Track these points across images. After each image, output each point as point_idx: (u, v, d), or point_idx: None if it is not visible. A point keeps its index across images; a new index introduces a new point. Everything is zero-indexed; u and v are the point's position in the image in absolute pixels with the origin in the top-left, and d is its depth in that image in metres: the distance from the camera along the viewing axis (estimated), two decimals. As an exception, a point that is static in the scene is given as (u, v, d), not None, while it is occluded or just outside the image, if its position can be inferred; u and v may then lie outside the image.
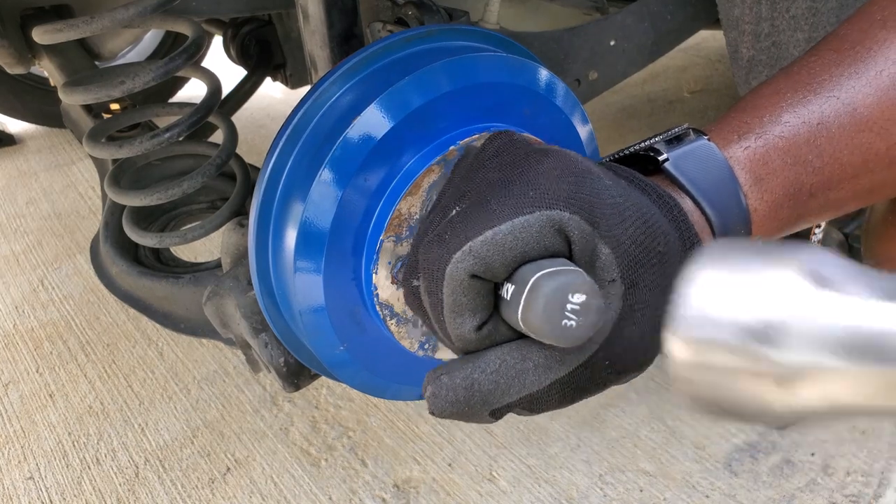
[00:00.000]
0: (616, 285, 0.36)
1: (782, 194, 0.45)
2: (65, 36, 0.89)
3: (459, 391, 0.35)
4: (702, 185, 0.43)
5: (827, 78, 0.45)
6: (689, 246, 0.40)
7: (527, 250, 0.34)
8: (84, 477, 1.23)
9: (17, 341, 1.58)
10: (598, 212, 0.36)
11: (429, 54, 0.66)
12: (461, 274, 0.35)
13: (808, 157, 0.44)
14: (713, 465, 1.19)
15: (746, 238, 0.44)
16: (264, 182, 0.65)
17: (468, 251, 0.34)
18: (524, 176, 0.37)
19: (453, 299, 0.35)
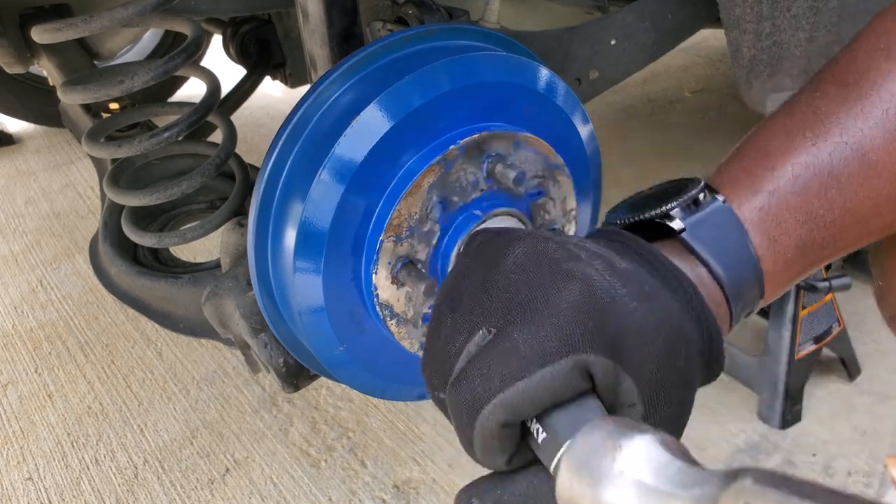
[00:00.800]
0: (636, 409, 0.37)
1: (795, 252, 0.45)
2: (64, 35, 0.89)
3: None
4: (718, 252, 0.44)
5: (834, 119, 0.44)
6: (709, 336, 0.41)
7: (556, 397, 0.36)
8: (83, 477, 1.22)
9: (15, 341, 1.57)
10: (621, 345, 0.37)
11: (429, 53, 0.66)
12: (492, 425, 0.36)
13: (820, 211, 0.44)
14: (714, 465, 1.19)
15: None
16: (264, 182, 0.65)
17: (499, 404, 0.35)
18: (549, 307, 0.37)
19: (483, 443, 0.37)
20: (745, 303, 0.45)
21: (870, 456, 1.19)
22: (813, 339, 1.29)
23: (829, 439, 1.23)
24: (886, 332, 1.53)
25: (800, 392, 1.28)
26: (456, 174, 0.59)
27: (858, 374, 1.37)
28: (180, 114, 0.99)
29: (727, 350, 1.43)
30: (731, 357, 1.35)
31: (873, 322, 1.50)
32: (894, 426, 1.25)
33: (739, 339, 1.43)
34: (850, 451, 1.20)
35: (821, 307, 1.30)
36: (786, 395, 1.25)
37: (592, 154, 0.73)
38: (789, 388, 1.25)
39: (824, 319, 1.31)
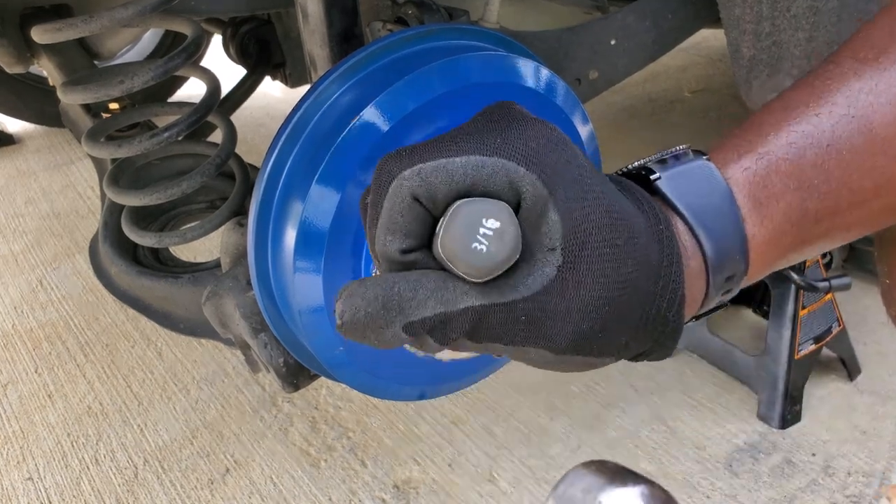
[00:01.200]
0: (555, 254, 0.35)
1: (784, 220, 0.42)
2: (64, 35, 0.89)
3: (378, 300, 0.34)
4: (696, 207, 0.41)
5: (844, 92, 0.42)
6: (669, 262, 0.38)
7: (472, 188, 0.34)
8: (83, 477, 1.22)
9: (15, 341, 1.58)
10: (559, 180, 0.35)
11: (428, 54, 0.66)
12: (404, 192, 0.34)
13: (815, 181, 0.41)
14: (714, 465, 1.19)
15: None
16: (263, 181, 0.65)
17: (417, 171, 0.34)
18: (500, 129, 0.36)
19: (390, 216, 0.35)
20: (725, 270, 0.41)
21: (870, 456, 1.19)
22: (813, 339, 1.29)
23: (829, 439, 1.23)
24: (886, 332, 1.54)
25: (800, 392, 1.28)
26: (456, 174, 0.59)
27: (858, 374, 1.37)
28: (180, 114, 0.99)
29: (727, 350, 1.43)
30: (731, 357, 1.35)
31: (873, 322, 1.50)
32: (894, 426, 1.25)
33: (739, 338, 1.43)
34: (850, 451, 1.20)
35: (821, 307, 1.30)
36: (785, 394, 1.25)
37: (592, 154, 0.73)
38: (789, 387, 1.25)
39: (824, 319, 1.31)
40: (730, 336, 1.39)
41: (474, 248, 0.32)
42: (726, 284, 0.42)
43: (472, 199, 0.33)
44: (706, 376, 1.38)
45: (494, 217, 0.32)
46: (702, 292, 0.42)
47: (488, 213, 0.32)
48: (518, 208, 0.35)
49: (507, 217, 0.33)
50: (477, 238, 0.32)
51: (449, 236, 0.33)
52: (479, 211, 0.32)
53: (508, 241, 0.33)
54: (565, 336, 0.36)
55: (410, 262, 0.36)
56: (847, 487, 1.14)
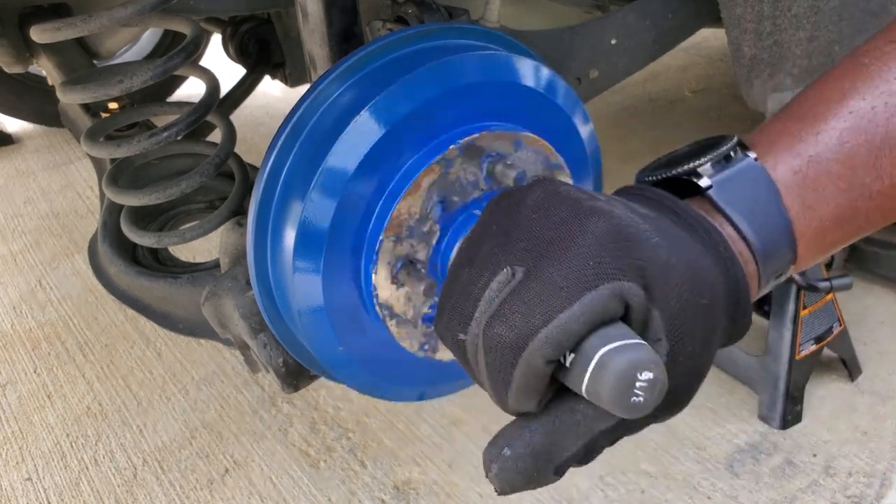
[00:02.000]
0: (662, 344, 0.37)
1: (832, 221, 0.42)
2: (63, 35, 0.88)
3: (527, 459, 0.37)
4: (746, 212, 0.42)
5: (893, 78, 0.41)
6: (734, 282, 0.40)
7: (595, 326, 0.35)
8: (82, 478, 1.22)
9: (14, 342, 1.57)
10: (649, 275, 0.36)
11: (428, 53, 0.66)
12: (539, 362, 0.35)
13: (866, 180, 0.41)
14: (715, 465, 1.19)
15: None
16: (263, 181, 0.64)
17: (545, 340, 0.34)
18: (578, 240, 0.36)
19: (525, 383, 0.36)
20: (775, 266, 0.43)
21: (871, 456, 1.19)
22: (814, 339, 1.29)
23: (830, 439, 1.23)
24: (887, 331, 1.54)
25: (800, 392, 1.28)
26: (456, 174, 0.59)
27: (859, 375, 1.36)
28: (179, 113, 0.99)
29: (728, 350, 1.43)
30: (732, 357, 1.35)
31: (874, 322, 1.50)
32: (895, 426, 1.25)
33: (740, 339, 1.43)
34: (851, 451, 1.20)
35: (822, 307, 1.30)
36: (786, 395, 1.25)
37: (593, 153, 0.72)
38: (790, 388, 1.25)
39: (825, 319, 1.31)
40: (730, 336, 1.39)
41: (633, 401, 0.33)
42: (774, 277, 0.44)
43: (612, 347, 0.34)
44: (706, 376, 1.38)
45: (647, 370, 0.33)
46: (755, 288, 0.44)
47: (640, 366, 0.33)
48: (625, 315, 0.36)
49: (655, 365, 0.34)
50: (634, 392, 0.33)
51: (604, 391, 0.34)
52: (631, 366, 0.33)
53: (659, 389, 0.34)
54: (684, 402, 0.40)
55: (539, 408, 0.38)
56: (848, 488, 1.14)
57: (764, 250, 0.42)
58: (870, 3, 0.92)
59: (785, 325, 1.26)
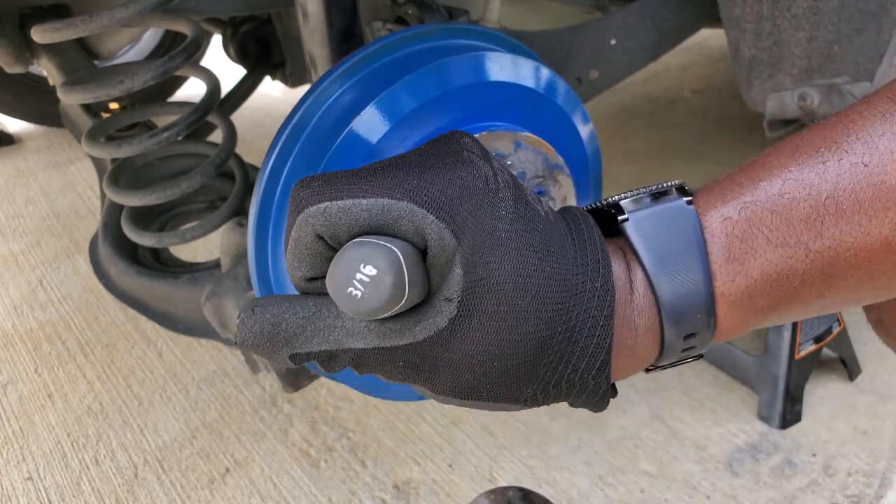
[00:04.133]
0: (451, 305, 0.34)
1: (761, 280, 0.37)
2: (63, 35, 0.88)
3: (266, 326, 0.36)
4: (660, 256, 0.37)
5: (863, 136, 0.37)
6: (594, 325, 0.36)
7: (377, 230, 0.34)
8: (83, 478, 1.22)
9: (15, 342, 1.57)
10: (470, 232, 0.34)
11: (428, 53, 0.66)
12: (308, 229, 0.35)
13: (804, 238, 0.37)
14: (714, 465, 1.19)
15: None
16: (264, 181, 0.64)
17: (322, 210, 0.34)
18: (425, 169, 0.35)
19: (296, 245, 0.36)
20: (685, 327, 0.38)
21: (870, 456, 1.19)
22: (813, 339, 1.29)
23: (830, 439, 1.23)
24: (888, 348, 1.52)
25: (800, 392, 1.28)
26: (456, 174, 0.59)
27: (859, 374, 1.37)
28: (180, 114, 0.99)
29: (727, 350, 1.43)
30: (731, 357, 1.35)
31: (874, 322, 1.50)
32: (894, 426, 1.25)
33: (739, 338, 1.43)
34: (851, 451, 1.20)
35: (821, 307, 1.30)
36: (786, 395, 1.25)
37: (593, 153, 0.73)
38: (789, 388, 1.25)
39: (824, 319, 1.31)
40: (730, 336, 1.39)
41: (349, 292, 0.33)
42: (687, 342, 0.39)
43: (362, 241, 0.33)
44: (706, 376, 1.38)
45: (373, 264, 0.32)
46: (653, 351, 0.39)
47: (369, 258, 0.32)
48: (425, 254, 0.35)
49: (386, 265, 0.32)
50: (353, 283, 0.32)
51: (330, 277, 0.34)
52: (361, 256, 0.33)
53: (384, 290, 0.32)
54: (445, 385, 0.37)
55: (314, 288, 0.37)
56: (847, 487, 1.14)
57: (673, 304, 0.37)
58: (869, 4, 0.93)
59: (784, 325, 1.26)
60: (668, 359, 0.40)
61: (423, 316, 0.35)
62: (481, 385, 0.36)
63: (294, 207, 0.36)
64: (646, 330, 0.38)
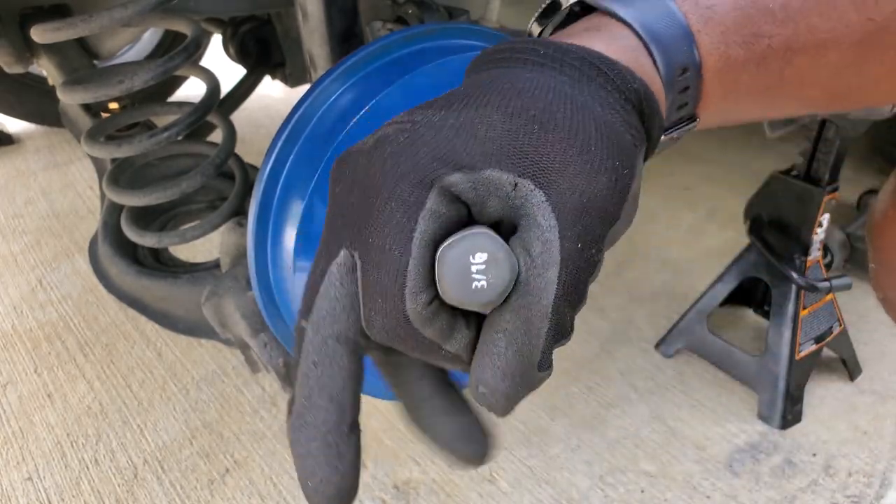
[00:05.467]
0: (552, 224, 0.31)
1: (736, 32, 0.37)
2: (63, 35, 0.88)
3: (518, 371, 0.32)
4: (637, 12, 0.36)
5: None
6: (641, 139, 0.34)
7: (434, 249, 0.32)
8: (83, 478, 1.22)
9: (15, 341, 1.57)
10: (544, 164, 0.31)
11: (428, 53, 0.66)
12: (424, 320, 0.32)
13: (769, 3, 0.37)
14: (714, 465, 1.19)
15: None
16: (263, 181, 0.64)
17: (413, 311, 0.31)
18: (465, 116, 0.33)
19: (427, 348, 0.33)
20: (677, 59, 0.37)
21: (871, 456, 1.19)
22: (813, 339, 1.29)
23: (830, 439, 1.23)
24: (887, 332, 1.54)
25: (800, 392, 1.28)
26: (456, 174, 0.59)
27: (859, 374, 1.37)
28: (180, 113, 0.99)
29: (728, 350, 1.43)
30: (731, 357, 1.35)
31: (874, 322, 1.50)
32: (895, 426, 1.25)
33: (739, 338, 1.43)
34: (851, 451, 1.20)
35: (821, 307, 1.30)
36: (786, 394, 1.25)
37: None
38: (790, 387, 1.25)
39: (825, 319, 1.31)
40: (730, 336, 1.39)
41: (475, 287, 0.31)
42: (681, 79, 0.38)
43: (451, 241, 0.32)
44: (706, 376, 1.38)
45: (480, 249, 0.31)
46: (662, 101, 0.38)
47: (472, 248, 0.31)
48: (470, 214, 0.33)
49: (489, 242, 0.31)
50: (473, 278, 0.31)
51: (448, 286, 0.32)
52: (464, 251, 0.31)
53: (504, 265, 0.31)
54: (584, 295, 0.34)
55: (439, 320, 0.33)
56: (848, 487, 1.14)
57: (668, 64, 0.37)
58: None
59: (785, 325, 1.26)
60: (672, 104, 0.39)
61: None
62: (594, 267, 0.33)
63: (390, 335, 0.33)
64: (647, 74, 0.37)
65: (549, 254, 0.31)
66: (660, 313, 1.57)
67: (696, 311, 1.40)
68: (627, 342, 1.49)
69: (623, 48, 0.36)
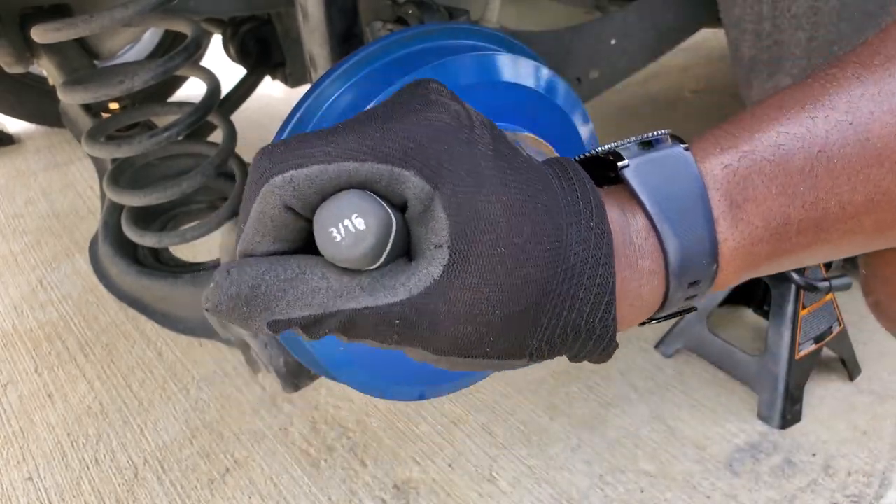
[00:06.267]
0: (442, 252, 0.32)
1: (762, 227, 0.38)
2: (64, 35, 0.89)
3: (244, 289, 0.33)
4: (663, 201, 0.37)
5: (843, 97, 0.38)
6: (595, 264, 0.34)
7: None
8: (83, 477, 1.22)
9: (15, 341, 1.57)
10: (448, 173, 0.32)
11: (428, 53, 0.66)
12: (275, 200, 0.33)
13: (800, 188, 0.38)
14: (714, 465, 1.19)
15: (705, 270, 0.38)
16: (263, 181, 0.64)
17: (288, 179, 0.32)
18: (387, 118, 0.33)
19: (260, 219, 0.33)
20: (690, 274, 0.38)
21: (870, 456, 1.19)
22: (813, 339, 1.29)
23: (829, 439, 1.23)
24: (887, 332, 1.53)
25: (800, 392, 1.28)
26: (456, 174, 0.59)
27: (858, 374, 1.37)
28: (180, 113, 0.99)
29: (727, 350, 1.43)
30: (731, 357, 1.35)
31: (874, 322, 1.50)
32: (894, 426, 1.25)
33: (739, 338, 1.43)
34: (850, 451, 1.20)
35: (821, 307, 1.30)
36: (786, 394, 1.25)
37: (593, 154, 0.72)
38: (789, 387, 1.25)
39: (824, 319, 1.31)
40: (730, 336, 1.39)
41: (331, 232, 0.31)
42: (691, 289, 0.39)
43: (366, 194, 0.32)
44: (706, 376, 1.38)
45: (365, 219, 0.31)
46: (658, 295, 0.38)
47: (363, 211, 0.31)
48: (405, 209, 0.33)
49: (376, 226, 0.31)
50: (339, 226, 0.31)
51: (319, 213, 0.32)
52: (356, 206, 0.31)
53: (361, 248, 0.31)
54: (445, 342, 0.34)
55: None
56: (847, 487, 1.14)
57: (681, 249, 0.37)
58: (868, 4, 0.93)
59: (784, 325, 1.26)
60: (670, 308, 0.40)
61: (415, 269, 0.33)
62: (484, 338, 0.34)
63: (256, 177, 0.33)
64: (650, 273, 0.37)
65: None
66: (660, 313, 1.57)
67: (696, 311, 1.41)
68: (627, 342, 1.49)
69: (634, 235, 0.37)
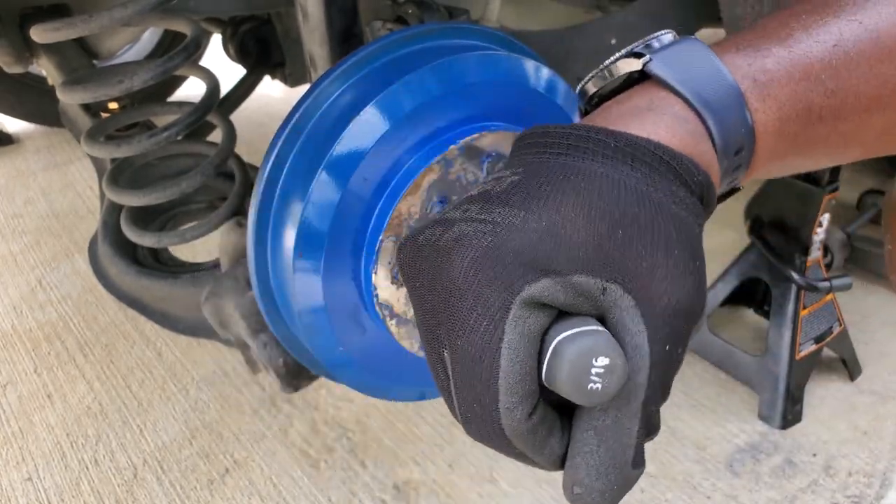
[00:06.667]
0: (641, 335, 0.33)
1: (789, 106, 0.39)
2: (63, 35, 0.88)
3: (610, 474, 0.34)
4: (693, 83, 0.38)
5: (848, 1, 0.40)
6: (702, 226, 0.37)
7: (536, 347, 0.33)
8: (82, 478, 1.22)
9: (15, 342, 1.57)
10: (631, 269, 0.33)
11: (428, 53, 0.66)
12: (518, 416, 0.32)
13: (821, 75, 0.39)
14: (715, 465, 1.19)
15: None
16: (263, 181, 0.64)
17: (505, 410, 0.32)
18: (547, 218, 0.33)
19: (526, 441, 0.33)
20: (731, 142, 0.38)
21: (871, 456, 1.19)
22: (814, 339, 1.29)
23: (830, 439, 1.23)
24: (887, 332, 1.54)
25: (800, 392, 1.28)
26: (456, 173, 0.59)
27: (859, 374, 1.36)
28: (180, 113, 0.99)
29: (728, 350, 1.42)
30: (732, 357, 1.35)
31: (875, 322, 1.50)
32: (895, 426, 1.25)
33: (740, 338, 1.43)
34: (851, 451, 1.20)
35: (822, 307, 1.30)
36: (786, 394, 1.25)
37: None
38: (790, 387, 1.25)
39: (825, 319, 1.31)
40: (730, 336, 1.39)
41: (590, 388, 0.32)
42: (736, 158, 0.40)
43: (567, 335, 0.33)
44: (706, 376, 1.38)
45: (604, 354, 0.32)
46: (714, 171, 0.39)
47: (596, 350, 0.32)
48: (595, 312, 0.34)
49: (610, 347, 0.32)
50: (591, 379, 0.32)
51: (560, 380, 0.32)
52: (585, 352, 0.32)
53: (621, 373, 0.32)
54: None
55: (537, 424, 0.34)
56: (848, 488, 1.14)
57: (722, 134, 0.38)
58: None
59: (785, 325, 1.26)
60: (723, 179, 0.41)
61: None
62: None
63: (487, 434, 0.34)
64: (708, 159, 0.38)
65: (639, 358, 0.33)
66: (660, 313, 1.57)
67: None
68: (627, 342, 1.49)
69: (686, 134, 0.37)
